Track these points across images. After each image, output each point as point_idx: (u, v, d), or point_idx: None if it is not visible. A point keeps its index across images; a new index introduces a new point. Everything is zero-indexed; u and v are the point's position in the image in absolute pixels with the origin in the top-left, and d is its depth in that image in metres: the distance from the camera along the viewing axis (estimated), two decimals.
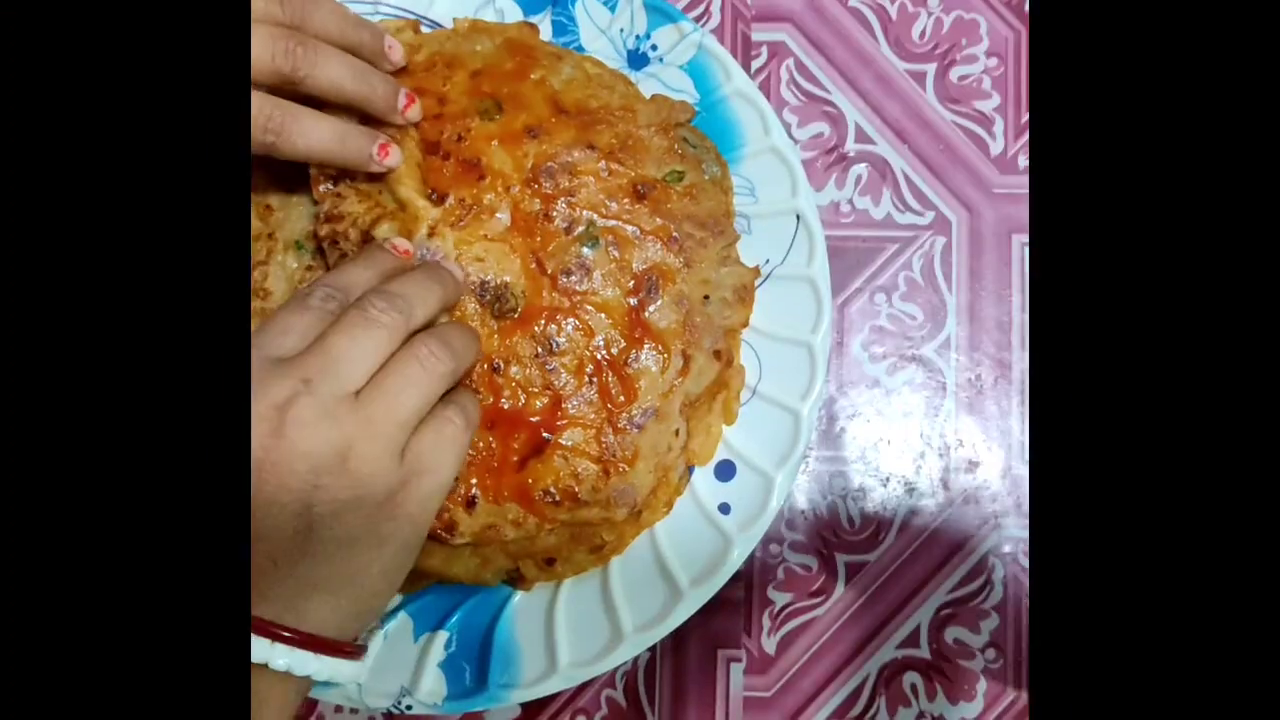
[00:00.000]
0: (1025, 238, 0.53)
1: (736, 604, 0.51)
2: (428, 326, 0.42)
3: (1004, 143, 0.54)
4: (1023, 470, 0.52)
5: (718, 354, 0.48)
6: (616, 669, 0.51)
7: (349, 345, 0.37)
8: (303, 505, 0.35)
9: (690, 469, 0.49)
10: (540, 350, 0.47)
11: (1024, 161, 0.54)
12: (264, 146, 0.44)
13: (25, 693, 0.27)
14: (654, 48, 0.52)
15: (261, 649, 0.34)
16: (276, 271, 0.49)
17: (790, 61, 0.55)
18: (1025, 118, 0.54)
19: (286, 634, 0.35)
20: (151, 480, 0.29)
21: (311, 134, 0.44)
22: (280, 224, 0.49)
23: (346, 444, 0.36)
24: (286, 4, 0.44)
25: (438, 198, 0.47)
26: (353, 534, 0.36)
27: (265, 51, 0.42)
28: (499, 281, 0.47)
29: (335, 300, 0.39)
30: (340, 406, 0.36)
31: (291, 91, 0.44)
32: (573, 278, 0.48)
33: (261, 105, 0.43)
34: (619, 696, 0.51)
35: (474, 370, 0.46)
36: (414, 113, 0.47)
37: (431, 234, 0.46)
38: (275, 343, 0.37)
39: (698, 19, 0.55)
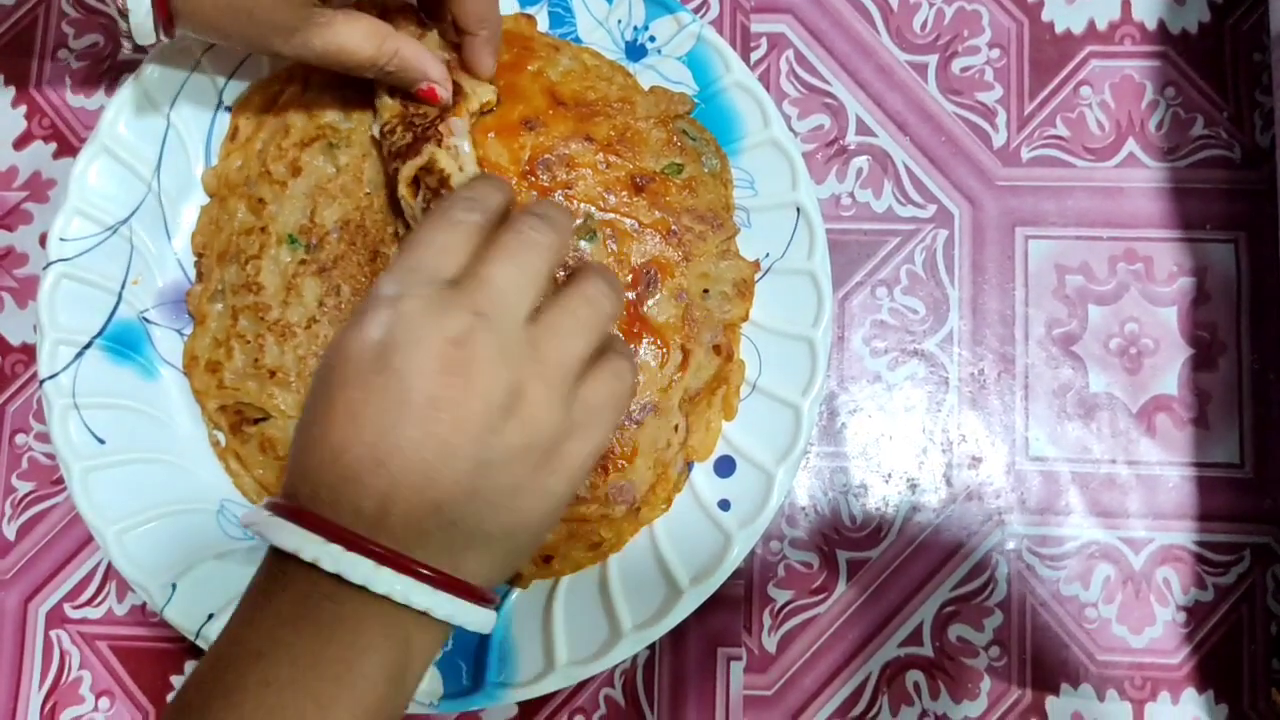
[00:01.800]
0: (1029, 230, 0.53)
1: (736, 602, 0.50)
2: None
3: (1007, 135, 0.53)
4: (1026, 466, 0.51)
5: (717, 349, 0.48)
6: (615, 667, 0.50)
7: (514, 272, 0.34)
8: (476, 448, 0.33)
9: (689, 465, 0.49)
10: None
11: (1027, 153, 0.53)
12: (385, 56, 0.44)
13: None
14: (652, 39, 0.51)
15: (424, 595, 0.32)
16: (269, 266, 0.49)
17: (790, 53, 0.54)
18: (1028, 109, 0.53)
19: (449, 582, 0.33)
20: None
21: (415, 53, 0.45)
22: (273, 217, 0.49)
23: (520, 385, 0.33)
24: None
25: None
26: (518, 484, 0.34)
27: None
28: None
29: (477, 211, 0.36)
30: (516, 343, 0.33)
31: None
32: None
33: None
34: (617, 695, 0.50)
35: None
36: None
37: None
38: (434, 263, 0.34)
39: (696, 10, 0.54)
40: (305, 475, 0.33)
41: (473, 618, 0.34)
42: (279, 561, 0.33)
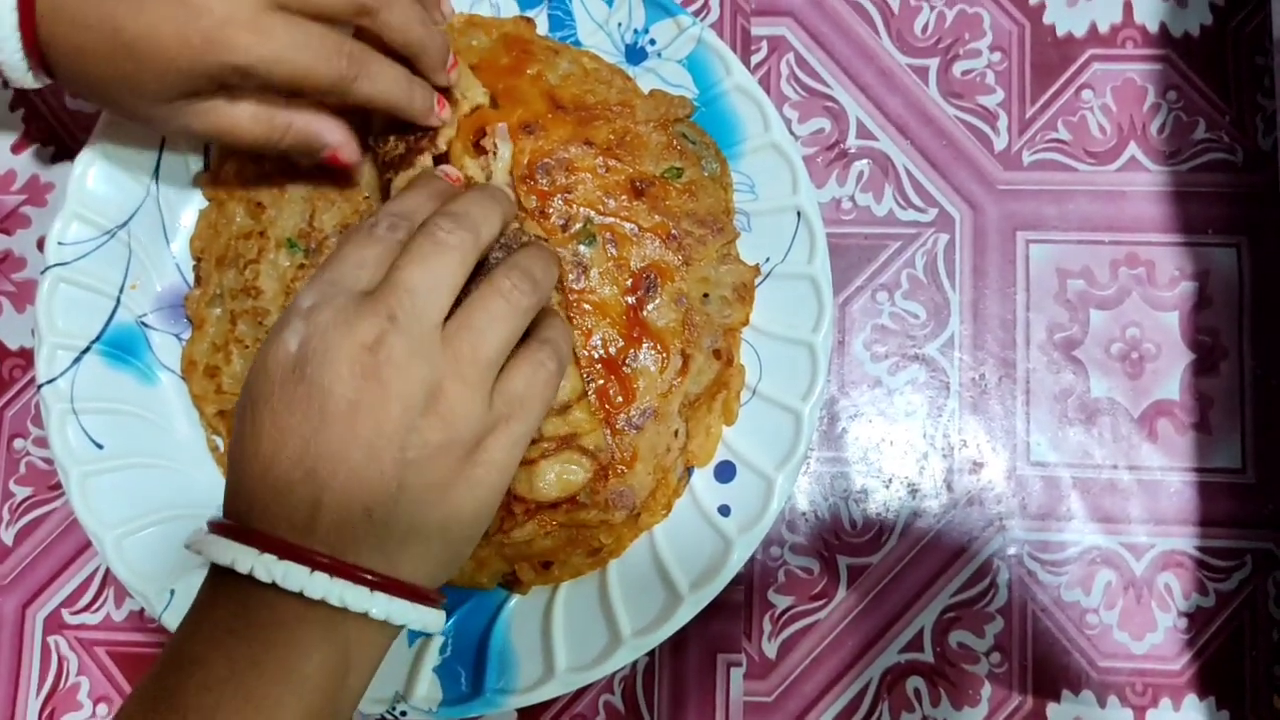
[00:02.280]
0: (1030, 234, 0.52)
1: (737, 607, 0.50)
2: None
3: (1008, 138, 0.53)
4: (1028, 471, 0.51)
5: (717, 353, 0.48)
6: (614, 674, 0.50)
7: (425, 274, 0.35)
8: (398, 449, 0.34)
9: (689, 470, 0.48)
10: None
11: (1028, 157, 0.53)
12: (344, 82, 0.41)
13: None
14: (652, 42, 0.51)
15: (360, 598, 0.33)
16: (268, 270, 0.48)
17: (790, 56, 0.54)
18: (1029, 113, 0.53)
19: (385, 583, 0.34)
20: None
21: (383, 79, 0.43)
22: (272, 222, 0.49)
23: (437, 383, 0.34)
24: None
25: None
26: (446, 480, 0.35)
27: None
28: None
29: (401, 229, 0.37)
30: (429, 343, 0.35)
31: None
32: (569, 276, 0.47)
33: (341, 43, 0.41)
34: (617, 702, 0.50)
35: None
36: (448, 114, 0.46)
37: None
38: (352, 276, 0.36)
39: (697, 13, 0.54)
40: (240, 492, 0.35)
41: (414, 616, 0.35)
42: (220, 577, 0.34)
